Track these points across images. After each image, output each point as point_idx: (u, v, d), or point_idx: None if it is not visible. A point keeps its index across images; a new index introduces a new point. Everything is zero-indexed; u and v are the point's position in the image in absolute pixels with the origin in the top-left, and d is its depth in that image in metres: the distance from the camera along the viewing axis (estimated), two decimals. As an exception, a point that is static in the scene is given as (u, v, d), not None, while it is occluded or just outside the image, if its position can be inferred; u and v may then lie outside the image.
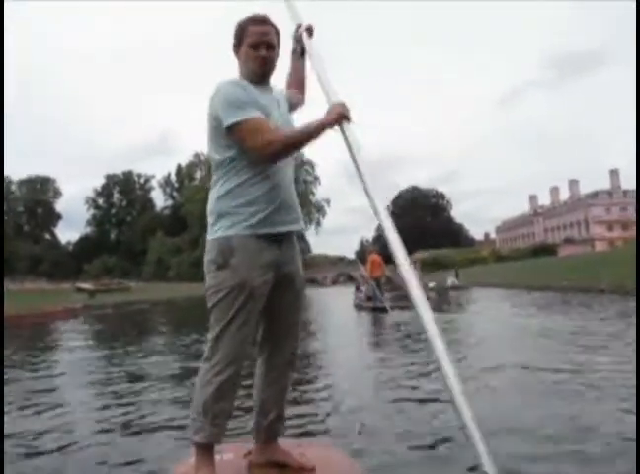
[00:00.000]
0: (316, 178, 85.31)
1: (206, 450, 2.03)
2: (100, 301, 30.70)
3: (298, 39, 2.40)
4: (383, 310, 13.78)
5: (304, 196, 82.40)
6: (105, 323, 17.34)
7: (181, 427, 3.45)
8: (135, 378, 5.92)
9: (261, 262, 2.03)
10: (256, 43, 2.13)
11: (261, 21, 2.16)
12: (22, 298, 24.57)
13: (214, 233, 2.04)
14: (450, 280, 31.11)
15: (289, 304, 2.17)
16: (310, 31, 2.36)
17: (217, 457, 2.08)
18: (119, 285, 40.37)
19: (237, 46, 2.20)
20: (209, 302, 2.05)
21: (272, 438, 2.22)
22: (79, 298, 31.36)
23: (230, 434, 2.41)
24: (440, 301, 18.11)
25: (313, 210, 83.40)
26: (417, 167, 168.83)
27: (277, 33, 2.19)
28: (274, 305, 2.13)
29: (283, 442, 2.29)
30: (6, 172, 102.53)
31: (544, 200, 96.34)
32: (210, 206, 2.08)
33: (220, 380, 1.99)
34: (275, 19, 2.19)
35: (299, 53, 2.45)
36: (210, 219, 2.07)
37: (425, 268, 44.05)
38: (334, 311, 18.35)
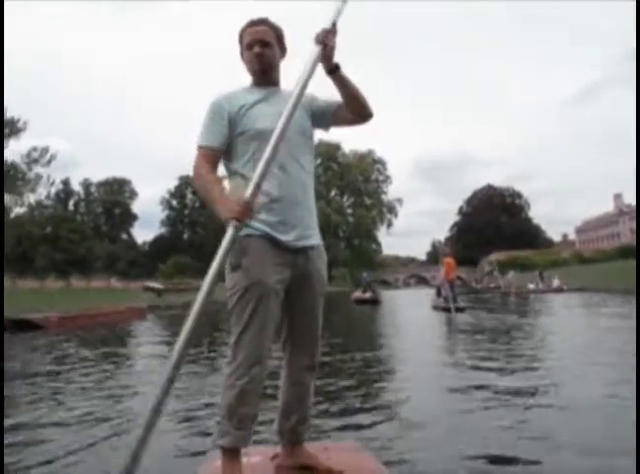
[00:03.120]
0: (388, 177, 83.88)
1: (233, 454, 2.02)
2: (168, 301, 30.48)
3: (323, 57, 2.12)
4: (460, 310, 15.03)
5: (375, 195, 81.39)
6: (176, 325, 16.86)
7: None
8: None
9: (274, 261, 2.05)
10: (250, 43, 2.23)
11: (256, 22, 2.24)
12: (87, 296, 24.48)
13: None
14: (555, 282, 30.14)
15: (307, 307, 2.16)
16: (326, 38, 2.08)
17: (244, 460, 2.06)
18: (188, 285, 40.38)
19: (241, 53, 2.30)
20: (229, 305, 2.06)
21: (297, 441, 2.23)
22: (147, 297, 31.29)
23: (258, 437, 2.43)
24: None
25: (384, 210, 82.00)
26: (490, 167, 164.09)
27: (275, 31, 2.25)
28: (293, 306, 2.14)
29: (311, 445, 2.30)
30: (86, 174, 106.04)
31: (630, 199, 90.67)
32: None
33: (243, 383, 1.99)
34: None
35: (327, 71, 2.18)
36: None
37: (503, 270, 42.10)
38: (412, 313, 18.36)
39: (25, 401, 5.23)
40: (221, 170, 2.27)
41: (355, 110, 2.21)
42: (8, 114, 43.21)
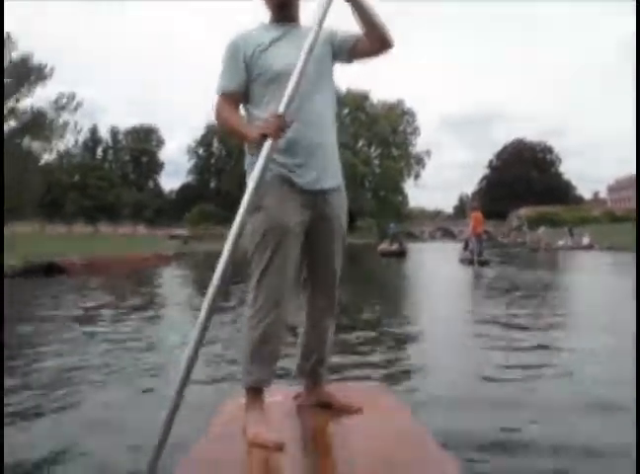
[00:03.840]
0: (416, 128, 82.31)
1: (255, 393, 2.06)
2: (193, 248, 30.72)
3: None
4: (484, 263, 15.40)
5: (403, 147, 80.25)
6: (198, 270, 16.97)
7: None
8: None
9: (294, 203, 2.05)
10: None
11: None
12: (114, 242, 24.71)
13: None
14: (585, 239, 29.58)
15: (326, 250, 2.17)
16: None
17: (267, 399, 2.10)
18: (212, 233, 40.60)
19: None
20: (249, 248, 2.07)
21: (316, 382, 2.27)
22: (173, 245, 31.56)
23: (280, 378, 2.42)
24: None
25: (412, 162, 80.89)
26: (521, 123, 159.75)
27: None
28: (312, 248, 2.14)
29: (333, 386, 2.37)
30: (114, 122, 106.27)
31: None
32: None
33: (265, 324, 2.02)
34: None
35: None
36: None
37: (531, 226, 41.55)
38: (438, 266, 18.37)
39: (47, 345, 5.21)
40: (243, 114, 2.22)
41: (374, 38, 2.13)
42: (35, 60, 43.14)
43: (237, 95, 2.13)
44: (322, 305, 2.22)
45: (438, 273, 15.47)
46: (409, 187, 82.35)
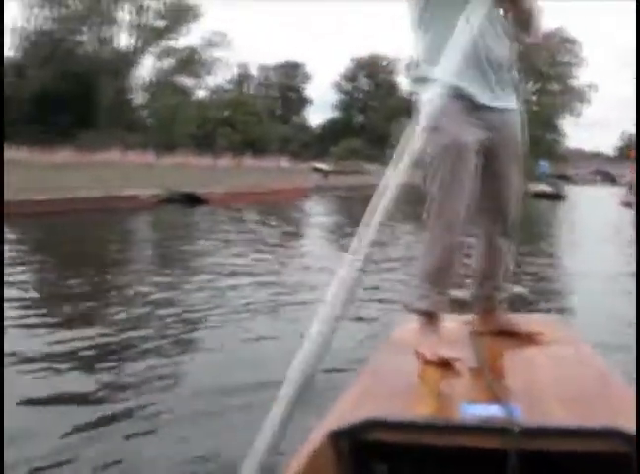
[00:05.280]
0: (581, 60, 74.91)
1: (430, 318, 2.02)
2: (333, 183, 30.67)
3: None
4: None
5: (563, 80, 73.88)
6: (338, 205, 16.90)
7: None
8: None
9: (471, 122, 1.96)
10: None
11: None
12: (254, 175, 25.22)
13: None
14: None
15: (503, 171, 2.10)
16: None
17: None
18: (355, 167, 40.29)
19: None
20: (423, 169, 2.00)
21: (491, 309, 2.20)
22: (314, 178, 31.69)
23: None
24: None
25: (573, 98, 74.30)
26: None
27: None
28: (488, 170, 2.06)
29: (508, 315, 2.23)
30: (262, 59, 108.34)
31: None
32: None
33: (441, 248, 1.97)
34: None
35: None
36: None
37: None
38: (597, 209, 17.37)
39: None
40: None
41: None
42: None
43: None
44: (498, 230, 2.14)
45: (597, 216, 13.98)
46: (568, 125, 76.08)
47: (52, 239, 9.43)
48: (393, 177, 1.47)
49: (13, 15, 41.57)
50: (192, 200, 14.20)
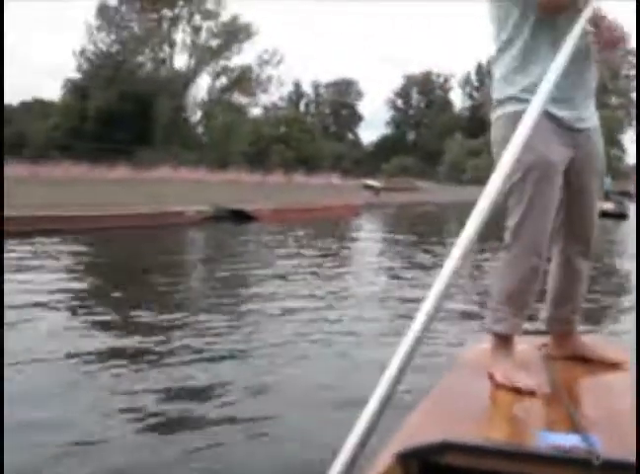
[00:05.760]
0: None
1: (506, 340, 1.98)
2: (384, 200, 30.46)
3: None
4: None
5: (625, 93, 71.71)
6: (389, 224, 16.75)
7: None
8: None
9: (558, 140, 1.92)
10: None
11: None
12: (305, 192, 25.29)
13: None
14: None
15: (587, 190, 2.07)
16: None
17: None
18: (406, 185, 39.91)
19: None
20: (507, 186, 1.85)
21: (567, 332, 2.15)
22: (365, 195, 31.55)
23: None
24: None
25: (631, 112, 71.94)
26: None
27: None
28: (571, 188, 2.03)
29: (580, 339, 2.17)
30: (314, 77, 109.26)
31: None
32: None
33: (524, 270, 1.92)
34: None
35: None
36: None
37: None
38: None
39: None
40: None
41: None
42: (242, 19, 45.44)
43: None
44: (578, 248, 2.10)
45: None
46: (627, 140, 73.55)
47: (96, 254, 9.63)
48: (486, 194, 1.38)
49: (79, 38, 43.44)
50: (239, 217, 14.27)
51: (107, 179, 23.46)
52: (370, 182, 38.41)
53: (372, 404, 0.99)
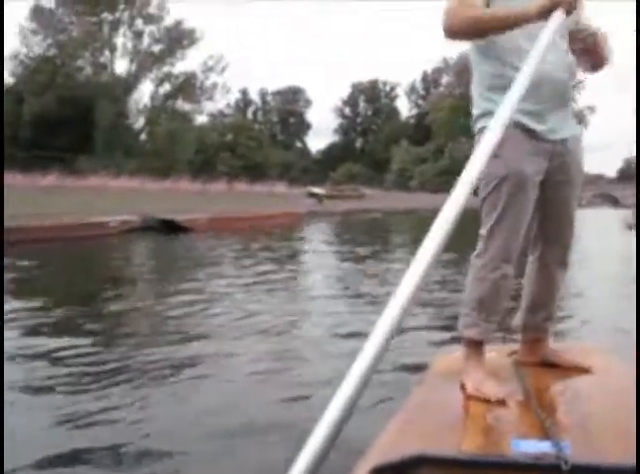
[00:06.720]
0: (580, 82, 75.03)
1: (477, 346, 2.01)
2: (329, 208, 30.29)
3: None
4: None
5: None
6: (328, 231, 16.47)
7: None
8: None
9: (532, 151, 1.96)
10: None
11: None
12: (246, 200, 24.85)
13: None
14: None
15: (563, 200, 2.10)
16: None
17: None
18: (352, 192, 39.91)
19: None
20: (480, 195, 2.00)
21: (539, 338, 2.18)
22: (309, 203, 31.32)
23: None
24: None
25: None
26: None
27: None
28: (547, 199, 2.07)
29: (550, 345, 2.20)
30: (263, 84, 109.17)
31: None
32: None
33: (495, 277, 1.96)
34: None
35: None
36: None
37: None
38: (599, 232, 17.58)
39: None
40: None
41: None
42: (186, 24, 44.74)
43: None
44: (556, 256, 2.13)
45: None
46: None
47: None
48: (450, 204, 1.29)
49: (12, 42, 41.88)
50: (170, 227, 13.67)
51: (37, 186, 22.43)
52: (314, 189, 38.23)
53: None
